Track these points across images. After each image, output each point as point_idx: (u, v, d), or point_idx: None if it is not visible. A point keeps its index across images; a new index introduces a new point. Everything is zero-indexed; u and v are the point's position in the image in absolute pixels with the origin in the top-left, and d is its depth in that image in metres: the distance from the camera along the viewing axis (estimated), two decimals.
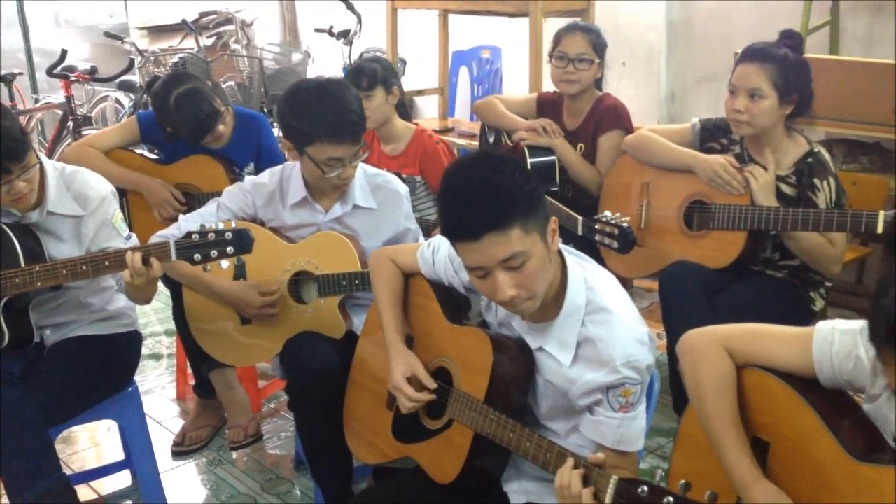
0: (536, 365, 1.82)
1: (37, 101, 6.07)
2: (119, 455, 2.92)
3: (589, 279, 1.78)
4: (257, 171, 3.14)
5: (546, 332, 1.78)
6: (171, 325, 3.13)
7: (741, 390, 1.53)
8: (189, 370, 3.19)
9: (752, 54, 2.55)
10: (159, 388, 3.49)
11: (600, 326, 1.72)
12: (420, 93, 5.24)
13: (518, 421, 1.74)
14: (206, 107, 2.93)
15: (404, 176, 3.03)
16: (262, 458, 2.97)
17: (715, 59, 4.52)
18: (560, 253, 1.77)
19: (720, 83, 4.61)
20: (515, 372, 1.82)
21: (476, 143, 4.45)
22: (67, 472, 2.84)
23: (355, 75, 3.00)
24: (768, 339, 1.53)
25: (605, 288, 1.77)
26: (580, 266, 1.80)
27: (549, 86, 3.84)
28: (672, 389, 2.65)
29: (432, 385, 1.92)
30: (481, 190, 1.60)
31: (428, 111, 6.02)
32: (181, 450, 2.99)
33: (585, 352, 1.74)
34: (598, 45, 3.03)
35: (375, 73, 3.00)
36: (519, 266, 1.62)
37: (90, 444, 3.11)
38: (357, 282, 2.43)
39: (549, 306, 1.76)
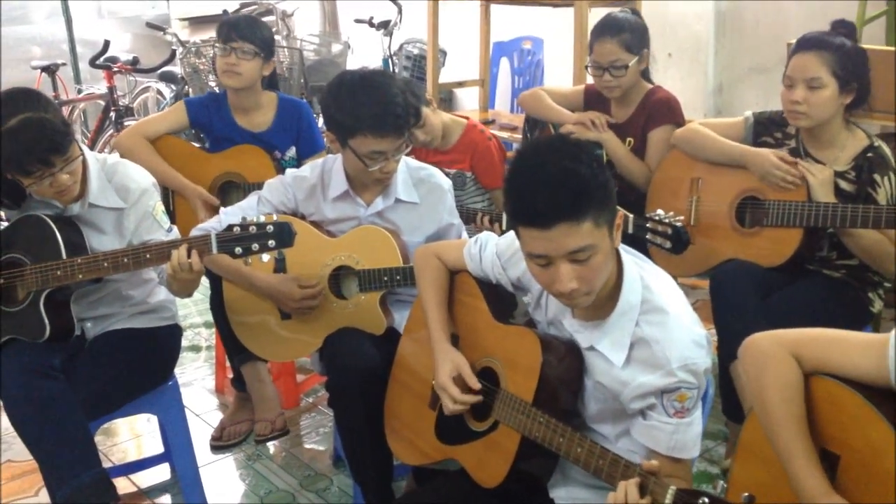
0: (586, 366, 1.76)
1: (79, 91, 6.11)
2: (159, 446, 2.91)
3: (645, 278, 1.71)
4: (298, 155, 3.14)
5: (598, 331, 1.72)
6: (211, 317, 3.11)
7: (809, 399, 1.45)
8: (228, 363, 3.17)
9: (807, 43, 2.46)
10: (198, 381, 3.48)
11: (656, 327, 1.66)
12: (461, 84, 5.17)
13: (567, 424, 1.68)
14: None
15: (454, 171, 2.97)
16: (301, 454, 2.94)
17: (765, 50, 4.39)
18: (616, 250, 1.71)
19: (770, 75, 4.49)
20: (564, 373, 1.76)
21: (517, 135, 4.38)
22: (107, 464, 2.84)
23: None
24: (840, 345, 1.44)
25: (661, 288, 1.71)
26: (636, 265, 1.73)
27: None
28: (722, 392, 2.56)
29: (477, 386, 1.86)
30: (559, 177, 1.54)
31: (468, 103, 5.95)
32: (220, 444, 2.96)
33: (639, 353, 1.67)
34: (633, 42, 2.88)
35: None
36: (585, 259, 1.56)
37: (131, 435, 3.10)
38: (398, 277, 2.38)
39: (603, 304, 1.70)
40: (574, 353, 1.77)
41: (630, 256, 1.75)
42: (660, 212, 2.40)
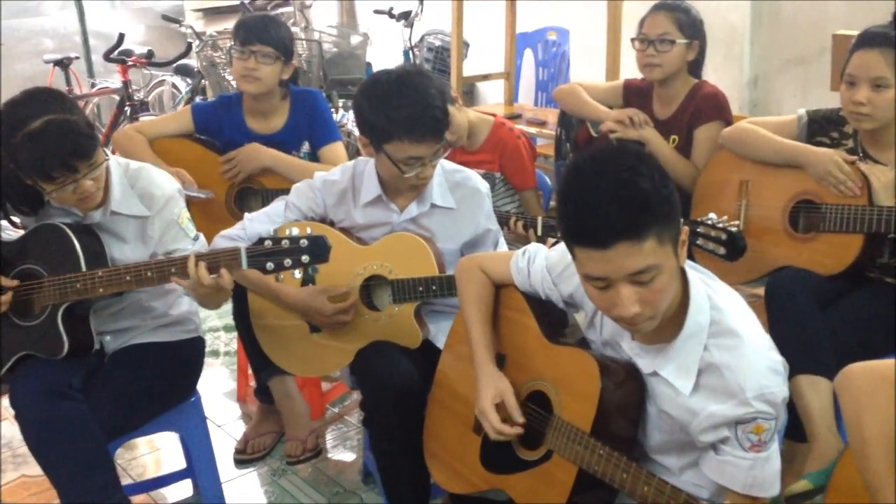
0: (649, 393, 1.62)
1: (93, 85, 5.98)
2: (179, 459, 2.79)
3: (713, 297, 1.57)
4: (312, 146, 2.98)
5: (662, 356, 1.58)
6: (231, 320, 2.98)
7: None
8: (251, 371, 3.04)
9: (872, 39, 2.29)
10: (218, 388, 3.35)
11: (727, 352, 1.52)
12: (485, 77, 5.01)
13: (628, 456, 1.55)
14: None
15: (482, 172, 2.83)
16: (327, 468, 2.81)
17: (804, 41, 4.22)
18: (681, 268, 1.57)
19: (808, 67, 4.32)
20: (625, 400, 1.62)
21: (546, 130, 4.24)
22: (127, 480, 2.74)
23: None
24: None
25: (732, 308, 1.57)
26: (703, 282, 1.59)
27: (626, 72, 3.60)
28: None
29: (520, 419, 1.73)
30: (617, 191, 1.39)
31: (491, 96, 5.79)
32: (243, 458, 2.84)
33: (709, 380, 1.53)
34: (686, 24, 2.75)
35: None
36: (648, 281, 1.43)
37: (149, 449, 2.98)
38: (434, 287, 2.24)
39: (667, 326, 1.55)
40: (634, 377, 1.63)
41: (696, 273, 1.61)
42: (712, 216, 2.26)
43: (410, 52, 5.50)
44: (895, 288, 2.42)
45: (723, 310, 1.56)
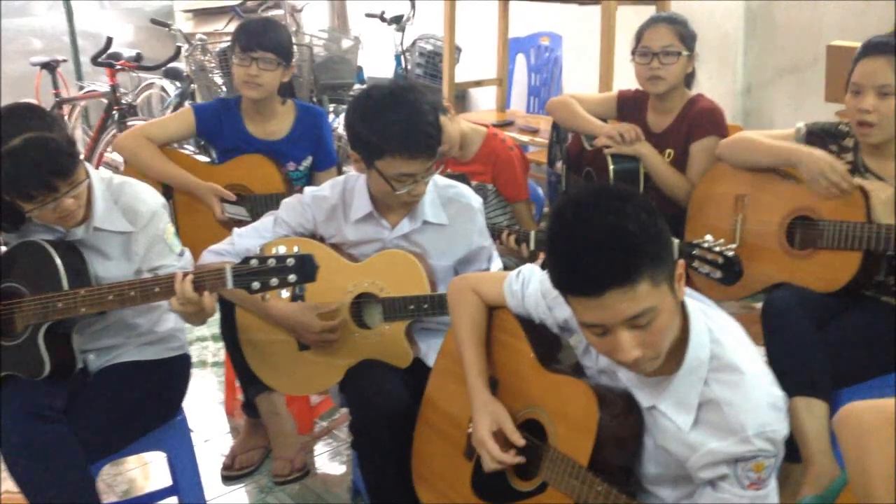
0: (647, 426, 1.58)
1: (81, 88, 5.91)
2: (166, 474, 2.73)
3: (714, 330, 1.53)
4: (313, 166, 2.98)
5: (661, 389, 1.54)
6: (219, 329, 2.94)
7: None
8: (238, 384, 2.99)
9: (877, 48, 2.27)
10: (206, 400, 3.30)
11: (728, 388, 1.48)
12: (478, 84, 4.96)
13: (628, 493, 1.51)
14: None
15: (474, 184, 2.79)
16: (315, 485, 2.77)
17: (797, 50, 4.19)
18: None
19: (802, 75, 4.29)
20: (623, 433, 1.59)
21: (539, 139, 4.20)
22: (112, 498, 2.69)
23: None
24: None
25: (733, 342, 1.53)
26: (703, 314, 1.55)
27: (620, 80, 3.56)
28: None
29: (521, 443, 1.69)
30: (604, 238, 1.35)
31: (483, 102, 5.74)
32: (231, 474, 2.79)
33: (709, 416, 1.49)
34: (686, 36, 2.74)
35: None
36: (646, 324, 1.38)
37: (136, 464, 2.93)
38: (426, 306, 2.20)
39: (667, 359, 1.51)
40: (632, 408, 1.59)
41: (696, 304, 1.57)
42: (708, 237, 2.22)
43: (402, 56, 5.44)
44: (890, 307, 2.39)
45: (723, 343, 1.52)
